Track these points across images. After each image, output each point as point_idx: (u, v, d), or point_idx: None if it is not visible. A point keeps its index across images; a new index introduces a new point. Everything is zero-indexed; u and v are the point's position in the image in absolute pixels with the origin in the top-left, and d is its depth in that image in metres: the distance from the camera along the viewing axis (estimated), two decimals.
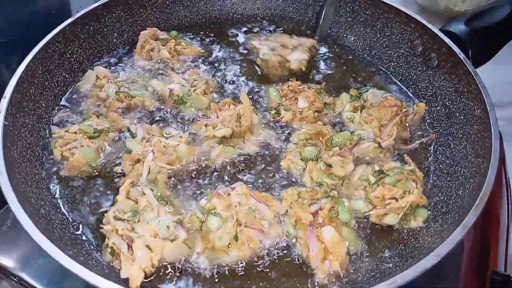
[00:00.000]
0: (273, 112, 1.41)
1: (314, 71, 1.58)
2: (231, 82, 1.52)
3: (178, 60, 1.55)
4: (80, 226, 1.12)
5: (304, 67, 1.55)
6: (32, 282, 1.11)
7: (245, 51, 1.63)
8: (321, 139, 1.30)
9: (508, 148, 1.53)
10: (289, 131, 1.36)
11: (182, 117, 1.38)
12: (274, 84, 1.50)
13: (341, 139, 1.28)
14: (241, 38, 1.69)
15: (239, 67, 1.58)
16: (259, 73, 1.55)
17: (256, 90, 1.50)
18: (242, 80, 1.53)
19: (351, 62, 1.63)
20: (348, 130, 1.36)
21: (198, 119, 1.37)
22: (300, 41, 1.62)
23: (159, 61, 1.53)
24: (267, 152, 1.30)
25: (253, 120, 1.33)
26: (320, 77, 1.55)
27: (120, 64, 1.55)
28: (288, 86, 1.43)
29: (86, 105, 1.39)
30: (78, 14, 1.44)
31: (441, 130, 1.37)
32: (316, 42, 1.64)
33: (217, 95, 1.47)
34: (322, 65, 1.60)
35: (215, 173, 1.24)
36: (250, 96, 1.44)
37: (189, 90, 1.40)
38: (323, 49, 1.65)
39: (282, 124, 1.37)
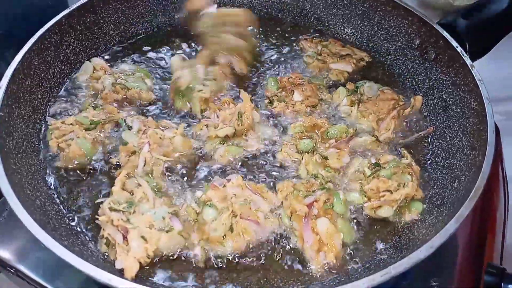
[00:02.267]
0: (266, 101, 1.41)
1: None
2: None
3: None
4: (76, 217, 1.12)
5: (344, 79, 1.51)
6: (29, 273, 1.11)
7: None
8: (317, 131, 1.30)
9: (505, 143, 1.53)
10: (286, 124, 1.35)
11: (179, 109, 1.38)
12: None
13: (337, 131, 1.28)
14: None
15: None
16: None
17: (253, 84, 1.49)
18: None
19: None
20: (346, 124, 1.36)
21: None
22: (352, 51, 1.57)
23: None
24: (267, 147, 1.30)
25: (254, 118, 1.32)
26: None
27: (116, 56, 1.54)
28: (288, 78, 1.43)
29: (82, 97, 1.39)
30: (75, 6, 1.43)
31: (437, 123, 1.37)
32: (367, 55, 1.59)
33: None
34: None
35: (210, 163, 1.25)
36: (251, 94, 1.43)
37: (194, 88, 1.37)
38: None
39: (273, 114, 1.37)
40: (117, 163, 1.22)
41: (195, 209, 1.11)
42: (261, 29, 1.67)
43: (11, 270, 1.14)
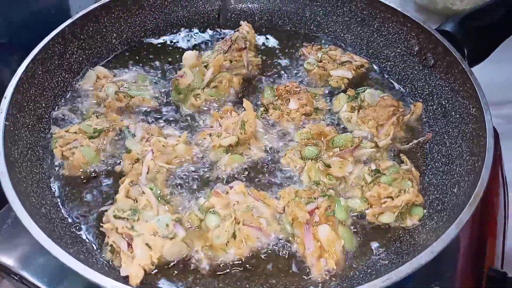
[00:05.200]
0: (262, 109, 1.42)
1: None
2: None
3: None
4: (80, 224, 1.14)
5: (344, 85, 1.51)
6: (33, 280, 1.12)
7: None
8: (322, 139, 1.31)
9: (505, 147, 1.54)
10: (290, 132, 1.37)
11: (181, 117, 1.40)
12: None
13: (343, 140, 1.28)
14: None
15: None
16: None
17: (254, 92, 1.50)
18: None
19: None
20: (345, 130, 1.37)
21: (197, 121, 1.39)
22: (351, 58, 1.57)
23: None
24: (269, 155, 1.31)
25: (257, 126, 1.33)
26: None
27: (119, 64, 1.56)
28: (285, 87, 1.43)
29: (86, 105, 1.40)
30: (77, 15, 1.46)
31: (437, 129, 1.38)
32: (367, 62, 1.59)
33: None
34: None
35: (213, 172, 1.26)
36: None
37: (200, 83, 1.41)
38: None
39: (269, 121, 1.38)
40: (121, 171, 1.23)
41: (199, 216, 1.12)
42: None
43: (15, 277, 1.15)
